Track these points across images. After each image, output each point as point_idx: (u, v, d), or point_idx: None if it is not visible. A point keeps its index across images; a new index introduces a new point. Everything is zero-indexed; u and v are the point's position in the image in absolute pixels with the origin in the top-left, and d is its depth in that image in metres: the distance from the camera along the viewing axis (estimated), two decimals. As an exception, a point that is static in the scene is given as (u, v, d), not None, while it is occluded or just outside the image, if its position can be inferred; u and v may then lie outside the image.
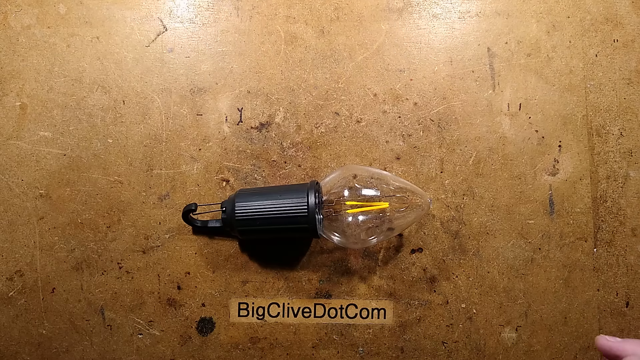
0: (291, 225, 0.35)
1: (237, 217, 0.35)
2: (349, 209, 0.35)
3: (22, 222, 0.40)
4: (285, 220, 0.35)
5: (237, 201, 0.36)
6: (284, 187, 0.37)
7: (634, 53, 0.41)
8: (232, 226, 0.36)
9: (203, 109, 0.41)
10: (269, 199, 0.35)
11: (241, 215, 0.35)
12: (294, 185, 0.37)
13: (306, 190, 0.35)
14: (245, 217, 0.35)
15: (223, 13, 0.41)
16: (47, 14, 0.41)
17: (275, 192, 0.36)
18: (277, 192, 0.36)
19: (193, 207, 0.37)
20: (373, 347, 0.40)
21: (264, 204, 0.35)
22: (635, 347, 0.31)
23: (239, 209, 0.35)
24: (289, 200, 0.35)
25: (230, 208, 0.36)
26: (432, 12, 0.41)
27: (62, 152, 0.40)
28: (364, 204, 0.35)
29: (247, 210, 0.35)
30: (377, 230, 0.36)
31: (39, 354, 0.40)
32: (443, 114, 0.41)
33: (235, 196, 0.36)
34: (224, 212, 0.37)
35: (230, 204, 0.36)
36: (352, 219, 0.35)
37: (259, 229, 0.35)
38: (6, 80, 0.41)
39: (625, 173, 0.40)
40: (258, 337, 0.40)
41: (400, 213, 0.36)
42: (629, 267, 0.40)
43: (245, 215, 0.35)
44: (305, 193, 0.35)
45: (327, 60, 0.41)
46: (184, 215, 0.38)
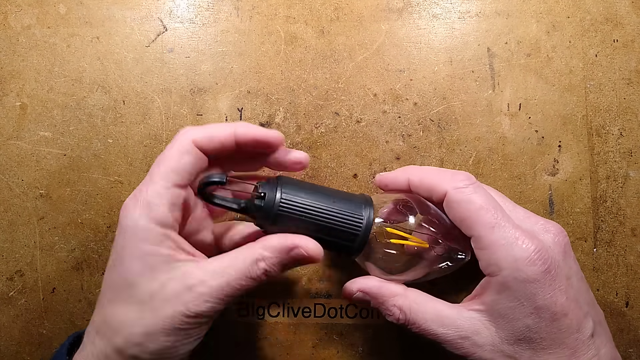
0: (335, 239, 0.30)
1: (281, 210, 0.29)
2: (393, 237, 0.31)
3: (22, 222, 0.40)
4: (333, 231, 0.30)
5: (285, 191, 0.30)
6: (333, 191, 0.32)
7: (634, 53, 0.41)
8: (269, 217, 0.30)
9: (203, 109, 0.41)
10: (319, 200, 0.30)
11: (286, 209, 0.30)
12: (343, 192, 0.32)
13: (362, 204, 0.31)
14: (290, 213, 0.30)
15: (223, 13, 0.41)
16: (47, 14, 0.41)
17: (324, 193, 0.31)
18: (327, 194, 0.31)
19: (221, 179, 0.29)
20: (373, 347, 0.40)
21: (314, 205, 0.30)
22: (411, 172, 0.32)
23: (286, 202, 0.29)
24: (343, 211, 0.30)
25: (272, 196, 0.30)
26: (432, 12, 0.41)
27: (62, 152, 0.40)
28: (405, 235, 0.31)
29: (294, 206, 0.30)
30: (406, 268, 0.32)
31: (39, 354, 0.40)
32: (443, 114, 0.41)
33: (279, 184, 0.30)
34: (263, 198, 0.30)
35: (271, 191, 0.30)
36: (390, 250, 0.31)
37: (298, 230, 0.30)
38: (6, 80, 0.41)
39: (625, 173, 0.40)
40: (258, 337, 0.40)
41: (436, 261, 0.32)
42: (628, 267, 0.40)
43: (290, 211, 0.30)
44: (362, 207, 0.30)
45: (327, 60, 0.41)
46: (205, 186, 0.30)
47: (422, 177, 0.32)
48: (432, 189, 0.31)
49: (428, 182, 0.31)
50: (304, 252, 0.28)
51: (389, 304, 0.31)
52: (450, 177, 0.31)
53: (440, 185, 0.30)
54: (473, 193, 0.29)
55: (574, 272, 0.30)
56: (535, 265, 0.27)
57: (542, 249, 0.28)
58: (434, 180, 0.31)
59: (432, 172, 0.32)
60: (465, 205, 0.29)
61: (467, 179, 0.30)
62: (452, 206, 0.30)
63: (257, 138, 0.30)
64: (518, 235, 0.28)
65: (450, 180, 0.30)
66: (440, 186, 0.30)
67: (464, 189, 0.30)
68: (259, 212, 0.30)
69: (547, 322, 0.27)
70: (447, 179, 0.31)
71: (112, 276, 0.28)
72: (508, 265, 0.28)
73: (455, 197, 0.30)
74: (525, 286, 0.27)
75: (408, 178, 0.33)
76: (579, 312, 0.28)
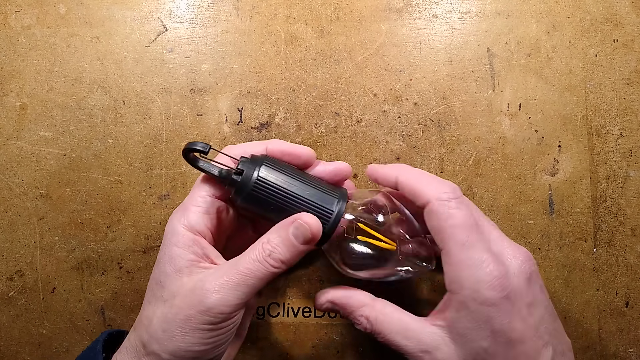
0: None
1: (254, 190, 0.30)
2: (361, 234, 0.32)
3: (22, 222, 0.40)
4: None
5: (262, 172, 0.30)
6: (313, 181, 0.32)
7: (634, 53, 0.41)
8: (241, 193, 0.30)
9: (203, 109, 0.41)
10: (294, 187, 0.31)
11: (259, 190, 0.30)
12: (323, 184, 0.32)
13: (336, 198, 0.31)
14: (262, 195, 0.30)
15: (223, 13, 0.41)
16: (47, 14, 0.41)
17: (302, 181, 0.31)
18: (304, 182, 0.31)
19: (203, 148, 0.30)
20: (373, 347, 0.40)
21: (287, 191, 0.30)
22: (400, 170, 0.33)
23: (260, 183, 0.30)
24: (315, 202, 0.31)
25: (249, 174, 0.30)
26: (432, 12, 0.41)
27: (62, 152, 0.40)
28: (374, 235, 0.32)
29: (267, 189, 0.30)
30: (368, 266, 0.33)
31: (39, 353, 0.40)
32: (443, 114, 0.41)
33: (260, 164, 0.31)
34: (240, 174, 0.30)
35: (250, 169, 0.30)
36: (357, 246, 0.32)
37: (266, 212, 0.31)
38: (6, 80, 0.41)
39: (625, 173, 0.40)
40: (258, 337, 0.40)
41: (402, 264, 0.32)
42: (628, 267, 0.40)
43: (262, 193, 0.30)
44: (335, 201, 0.31)
45: (327, 60, 0.41)
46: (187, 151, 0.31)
47: (410, 179, 0.32)
48: (416, 194, 0.31)
49: (414, 186, 0.32)
50: (303, 223, 0.29)
51: (356, 313, 0.32)
52: (436, 187, 0.31)
53: (425, 193, 0.31)
54: (455, 208, 0.30)
55: (539, 300, 0.30)
56: (495, 290, 0.27)
57: (504, 276, 0.28)
58: (420, 185, 0.31)
59: (420, 177, 0.32)
60: (443, 218, 0.30)
61: (452, 192, 0.30)
62: (431, 216, 0.30)
63: (286, 152, 0.32)
64: (485, 258, 0.28)
65: (435, 189, 0.31)
66: (425, 193, 0.31)
67: (447, 202, 0.30)
68: (234, 187, 0.31)
69: (503, 347, 0.27)
70: (432, 187, 0.31)
71: (152, 277, 0.30)
72: (469, 286, 0.28)
73: (436, 209, 0.30)
74: (483, 309, 0.27)
75: (397, 177, 0.33)
76: (537, 341, 0.28)
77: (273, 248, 0.29)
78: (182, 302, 0.27)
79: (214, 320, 0.27)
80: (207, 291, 0.27)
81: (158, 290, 0.29)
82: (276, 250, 0.29)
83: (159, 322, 0.27)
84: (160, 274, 0.29)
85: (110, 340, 0.31)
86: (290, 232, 0.29)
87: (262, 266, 0.28)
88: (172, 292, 0.28)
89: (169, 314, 0.27)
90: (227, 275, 0.28)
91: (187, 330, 0.27)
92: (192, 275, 0.28)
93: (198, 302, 0.27)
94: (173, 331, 0.27)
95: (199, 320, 0.27)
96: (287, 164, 0.32)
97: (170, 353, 0.27)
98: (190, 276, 0.28)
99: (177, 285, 0.28)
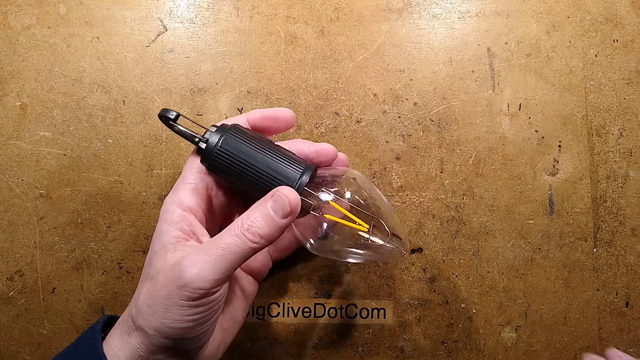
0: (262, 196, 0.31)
1: (216, 158, 0.30)
2: (328, 212, 0.31)
3: (22, 222, 0.40)
4: (259, 191, 0.31)
5: (224, 143, 0.30)
6: (278, 153, 0.31)
7: (634, 53, 0.41)
8: (205, 161, 0.31)
9: (203, 109, 0.41)
10: (256, 159, 0.30)
11: (220, 159, 0.30)
12: (290, 157, 0.32)
13: (299, 173, 0.31)
14: (223, 163, 0.30)
15: (223, 13, 0.41)
16: (47, 14, 0.41)
17: (266, 153, 0.31)
18: (268, 154, 0.31)
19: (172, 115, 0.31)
20: (373, 347, 0.40)
21: (248, 163, 0.30)
22: None
23: (221, 153, 0.30)
24: (274, 176, 0.30)
25: (213, 142, 0.30)
26: (432, 12, 0.41)
27: (62, 152, 0.40)
28: (347, 216, 0.31)
29: (228, 159, 0.30)
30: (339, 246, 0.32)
31: (39, 353, 0.40)
32: (443, 114, 0.41)
33: (227, 132, 0.31)
34: (205, 142, 0.31)
35: (214, 137, 0.30)
36: (325, 226, 0.32)
37: (229, 181, 0.31)
38: (6, 80, 0.41)
39: (625, 173, 0.40)
40: (258, 337, 0.40)
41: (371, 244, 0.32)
42: (628, 267, 0.40)
43: (223, 162, 0.30)
44: (297, 175, 0.31)
45: (327, 60, 0.41)
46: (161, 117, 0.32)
47: None
48: None
49: None
50: (281, 195, 0.29)
51: None
52: None
53: None
54: None
55: None
56: None
57: None
58: None
59: None
60: None
61: None
62: None
63: (266, 116, 0.33)
64: None
65: None
66: None
67: None
68: (199, 154, 0.31)
69: None
70: None
71: (148, 253, 0.31)
72: None
73: None
74: None
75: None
76: None
77: (252, 222, 0.28)
78: (164, 278, 0.27)
79: (193, 296, 0.27)
80: (185, 266, 0.27)
81: (147, 267, 0.29)
82: (254, 224, 0.28)
83: (144, 297, 0.28)
84: (151, 251, 0.30)
85: (110, 324, 0.32)
86: (269, 206, 0.29)
87: (240, 241, 0.28)
88: (157, 268, 0.28)
89: (153, 290, 0.28)
90: (205, 251, 0.28)
91: (168, 307, 0.27)
92: (176, 252, 0.28)
93: (176, 278, 0.27)
94: (156, 307, 0.27)
95: (178, 296, 0.27)
96: (257, 136, 0.32)
97: (155, 329, 0.27)
98: (175, 253, 0.28)
99: (162, 261, 0.28)
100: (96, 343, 0.28)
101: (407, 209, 0.40)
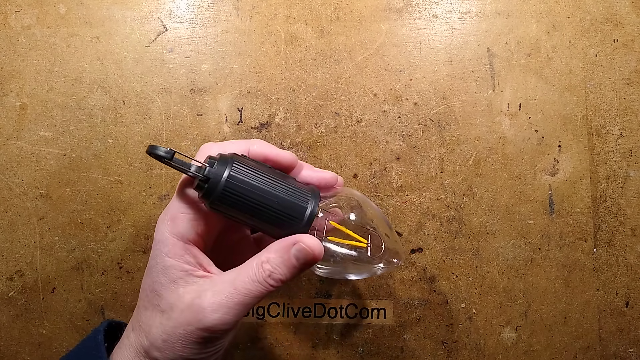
0: (273, 231, 0.30)
1: (222, 195, 0.28)
2: (331, 234, 0.31)
3: (22, 222, 0.40)
4: (271, 223, 0.30)
5: (229, 180, 0.28)
6: (285, 184, 0.30)
7: (634, 53, 0.41)
8: (208, 197, 0.28)
9: (203, 109, 0.41)
10: (265, 194, 0.29)
11: (227, 197, 0.28)
12: (296, 187, 0.30)
13: (308, 200, 0.30)
14: (229, 200, 0.28)
15: (223, 13, 0.41)
16: (47, 14, 0.41)
17: (274, 187, 0.29)
18: (276, 188, 0.29)
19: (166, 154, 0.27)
20: (373, 347, 0.40)
21: (257, 200, 0.28)
22: None
23: (228, 191, 0.28)
24: (284, 209, 0.29)
25: (216, 180, 0.27)
26: (432, 12, 0.41)
27: (62, 152, 0.40)
28: (347, 234, 0.31)
29: (235, 196, 0.28)
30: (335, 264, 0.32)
31: (39, 353, 0.40)
32: (443, 114, 0.41)
33: (230, 169, 0.28)
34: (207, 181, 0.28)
35: (218, 173, 0.28)
36: (328, 246, 0.31)
37: (230, 214, 0.29)
38: (6, 80, 0.41)
39: (625, 173, 0.40)
40: (258, 337, 0.40)
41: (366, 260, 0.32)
42: (628, 267, 0.40)
43: (230, 199, 0.28)
44: (306, 204, 0.30)
45: (327, 60, 0.41)
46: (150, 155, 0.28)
47: None
48: None
49: None
50: (304, 246, 0.29)
51: None
52: None
53: None
54: None
55: None
56: None
57: None
58: None
59: None
60: None
61: None
62: None
63: (269, 157, 0.31)
64: None
65: None
66: None
67: None
68: (202, 190, 0.28)
69: None
70: None
71: (145, 283, 0.30)
72: None
73: None
74: None
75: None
76: None
77: (274, 269, 0.29)
78: (180, 316, 0.28)
79: (213, 337, 0.28)
80: (205, 309, 0.27)
81: (154, 299, 0.29)
82: (277, 270, 0.29)
83: (158, 332, 0.28)
84: (154, 283, 0.29)
85: (109, 331, 0.32)
86: (292, 254, 0.29)
87: (261, 286, 0.28)
88: (170, 303, 0.28)
89: (167, 326, 0.28)
90: (225, 294, 0.28)
91: (187, 343, 0.27)
92: (188, 286, 0.29)
93: (197, 321, 0.27)
94: (174, 343, 0.28)
95: (199, 336, 0.27)
96: (260, 166, 0.30)
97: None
98: (186, 287, 0.28)
99: (174, 296, 0.28)
100: (101, 355, 0.29)
101: (407, 209, 0.40)
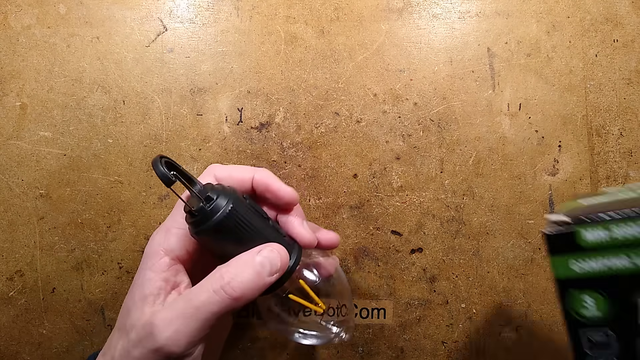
0: None
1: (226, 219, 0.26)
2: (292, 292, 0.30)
3: (22, 222, 0.40)
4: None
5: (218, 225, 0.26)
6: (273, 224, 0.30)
7: (634, 53, 0.41)
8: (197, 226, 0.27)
9: (203, 109, 0.41)
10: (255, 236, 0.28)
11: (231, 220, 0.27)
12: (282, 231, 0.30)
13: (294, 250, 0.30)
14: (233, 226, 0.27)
15: (223, 13, 0.41)
16: (47, 14, 0.41)
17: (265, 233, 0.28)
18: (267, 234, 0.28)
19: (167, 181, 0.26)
20: (373, 347, 0.40)
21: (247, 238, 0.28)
22: None
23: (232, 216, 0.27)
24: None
25: (221, 204, 0.27)
26: (432, 12, 0.41)
27: (62, 152, 0.40)
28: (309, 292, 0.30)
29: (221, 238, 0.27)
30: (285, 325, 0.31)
31: (39, 353, 0.40)
32: (443, 114, 0.41)
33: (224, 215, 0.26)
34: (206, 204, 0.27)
35: (222, 199, 0.27)
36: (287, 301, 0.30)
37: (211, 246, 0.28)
38: (6, 80, 0.41)
39: (625, 173, 0.40)
40: (258, 337, 0.40)
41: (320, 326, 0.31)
42: (628, 267, 0.40)
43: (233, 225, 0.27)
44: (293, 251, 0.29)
45: (327, 60, 0.41)
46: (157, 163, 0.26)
47: None
48: None
49: None
50: (274, 249, 0.27)
51: None
52: None
53: None
54: None
55: None
56: None
57: None
58: None
59: None
60: None
61: None
62: None
63: (271, 188, 0.30)
64: None
65: None
66: None
67: None
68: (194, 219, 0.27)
69: None
70: None
71: (125, 299, 0.29)
72: None
73: None
74: None
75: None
76: None
77: (234, 275, 0.25)
78: (136, 336, 0.25)
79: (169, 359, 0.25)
80: (156, 327, 0.25)
81: (124, 317, 0.27)
82: (237, 277, 0.25)
83: (119, 355, 0.26)
84: (129, 299, 0.27)
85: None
86: (258, 260, 0.26)
87: (217, 297, 0.25)
88: (132, 322, 0.26)
89: (127, 347, 0.26)
90: (179, 310, 0.25)
91: None
92: (154, 307, 0.26)
93: (147, 341, 0.25)
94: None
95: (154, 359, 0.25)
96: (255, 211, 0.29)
97: None
98: (152, 307, 0.26)
99: (138, 315, 0.26)
100: None
101: (407, 209, 0.40)
